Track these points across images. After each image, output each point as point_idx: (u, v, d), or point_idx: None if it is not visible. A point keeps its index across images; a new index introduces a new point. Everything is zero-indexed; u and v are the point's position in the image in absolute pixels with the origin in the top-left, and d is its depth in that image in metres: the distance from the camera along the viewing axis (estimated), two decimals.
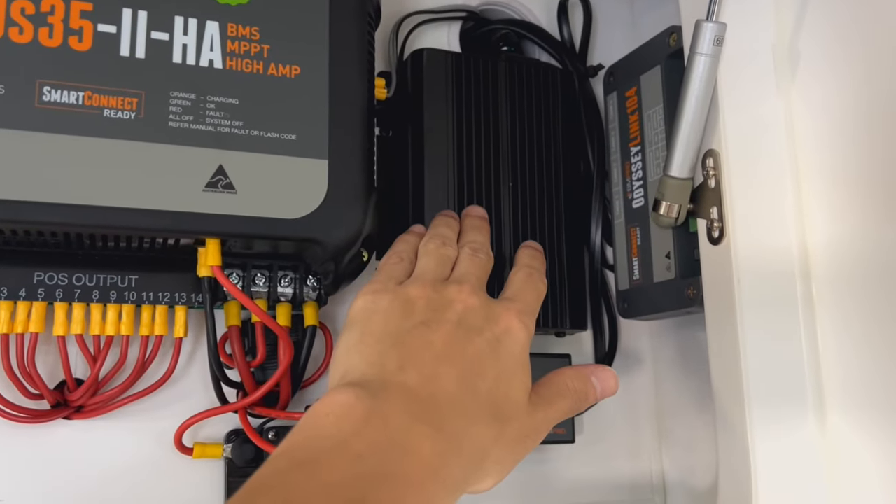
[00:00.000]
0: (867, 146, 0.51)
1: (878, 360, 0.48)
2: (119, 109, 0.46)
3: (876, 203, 0.50)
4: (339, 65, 0.51)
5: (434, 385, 0.39)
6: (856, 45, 0.52)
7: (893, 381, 0.48)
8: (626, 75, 0.63)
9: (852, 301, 0.50)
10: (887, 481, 0.47)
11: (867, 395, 0.49)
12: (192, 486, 0.54)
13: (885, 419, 0.48)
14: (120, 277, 0.51)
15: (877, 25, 0.51)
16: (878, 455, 0.48)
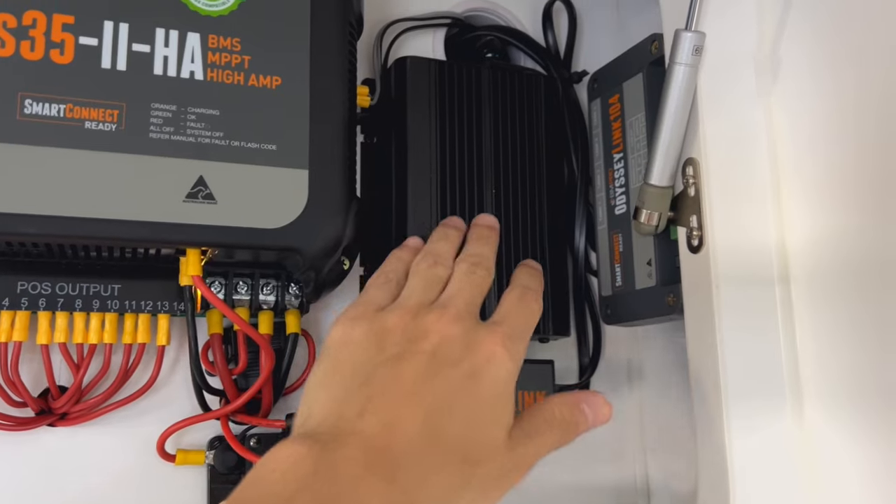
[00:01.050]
0: (846, 154, 0.51)
1: (852, 357, 0.49)
2: (100, 121, 0.46)
3: (853, 209, 0.50)
4: (321, 75, 0.52)
5: (393, 432, 0.37)
6: (835, 54, 0.52)
7: (867, 377, 0.48)
8: (610, 82, 0.63)
9: (829, 302, 0.51)
10: (860, 470, 0.48)
11: (842, 391, 0.49)
12: (175, 493, 0.54)
13: (859, 413, 0.48)
14: (103, 286, 0.51)
15: (855, 35, 0.51)
16: (851, 446, 0.48)
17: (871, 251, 0.49)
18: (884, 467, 0.47)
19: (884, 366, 0.47)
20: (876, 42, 0.50)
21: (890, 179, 0.47)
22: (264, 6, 0.51)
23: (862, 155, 0.50)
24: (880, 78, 0.49)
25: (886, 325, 0.47)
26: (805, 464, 0.50)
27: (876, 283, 0.48)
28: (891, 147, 0.48)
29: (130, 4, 0.48)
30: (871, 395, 0.48)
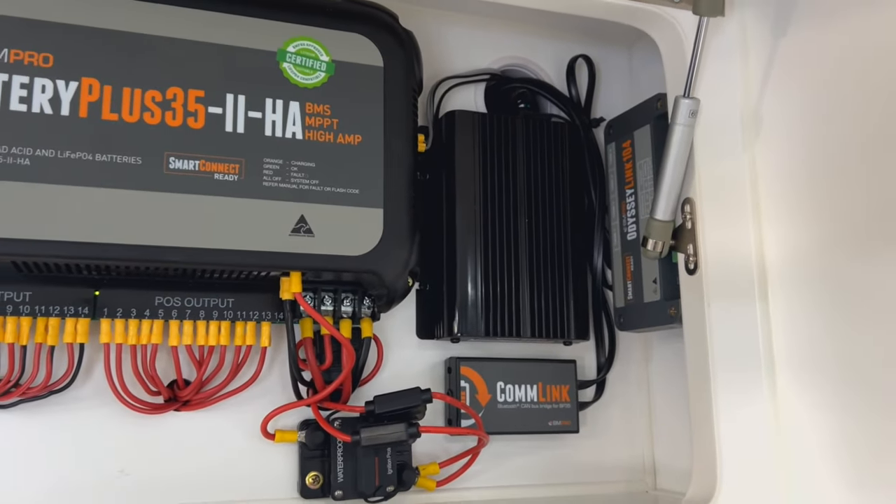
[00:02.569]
0: (822, 192, 0.64)
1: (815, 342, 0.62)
2: (226, 173, 0.60)
3: (817, 234, 0.63)
4: (392, 132, 0.65)
5: None
6: (808, 112, 0.65)
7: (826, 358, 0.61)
8: (623, 129, 0.76)
9: (797, 310, 0.63)
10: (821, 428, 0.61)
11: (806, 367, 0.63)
12: (273, 465, 0.68)
13: (818, 388, 0.62)
14: (220, 300, 0.65)
15: (823, 98, 0.64)
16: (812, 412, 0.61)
17: (829, 267, 0.62)
18: (839, 427, 0.60)
19: (836, 352, 0.60)
20: (838, 104, 0.62)
21: (845, 209, 0.60)
22: (348, 80, 0.64)
23: (827, 197, 0.63)
24: (840, 133, 0.62)
25: (838, 319, 0.60)
26: (777, 429, 0.63)
27: (831, 291, 0.61)
28: (849, 186, 0.60)
29: (246, 80, 0.62)
30: (828, 373, 0.61)
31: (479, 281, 0.71)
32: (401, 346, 0.73)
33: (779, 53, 0.67)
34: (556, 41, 0.83)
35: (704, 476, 0.64)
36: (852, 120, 0.62)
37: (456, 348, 0.74)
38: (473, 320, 0.71)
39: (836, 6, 0.63)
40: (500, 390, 0.72)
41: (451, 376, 0.72)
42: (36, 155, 0.56)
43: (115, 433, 0.65)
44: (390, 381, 0.71)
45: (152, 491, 0.65)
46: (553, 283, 0.74)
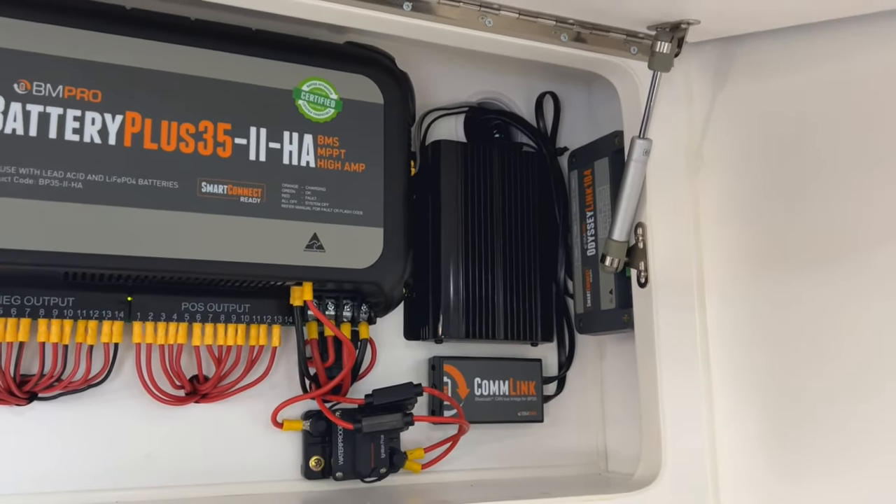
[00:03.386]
0: (751, 219, 0.76)
1: (742, 348, 0.74)
2: (250, 196, 0.69)
3: (746, 255, 0.76)
4: (390, 161, 0.75)
5: None
6: (740, 151, 0.78)
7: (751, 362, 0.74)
8: (585, 159, 0.88)
9: (729, 318, 0.76)
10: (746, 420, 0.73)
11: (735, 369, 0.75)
12: (280, 450, 0.77)
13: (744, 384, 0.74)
14: (238, 305, 0.74)
15: (754, 140, 0.76)
16: (740, 404, 0.74)
17: (755, 284, 0.75)
18: (761, 419, 0.72)
19: (759, 357, 0.73)
20: (764, 146, 0.75)
21: (769, 234, 0.73)
22: (354, 115, 0.74)
23: (757, 223, 0.76)
24: (766, 170, 0.75)
25: (762, 329, 0.73)
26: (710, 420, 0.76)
27: (756, 305, 0.74)
28: (773, 215, 0.73)
29: (267, 115, 0.71)
30: (753, 375, 0.73)
31: (460, 289, 0.82)
32: (390, 346, 0.84)
33: (717, 102, 0.80)
34: (525, 78, 0.94)
35: (651, 458, 0.76)
36: (776, 159, 0.74)
37: (439, 348, 0.85)
38: (455, 324, 0.81)
39: (762, 68, 0.76)
40: (477, 385, 0.83)
41: (434, 373, 0.83)
42: (87, 179, 0.64)
43: (142, 422, 0.73)
44: (381, 378, 0.81)
45: (174, 473, 0.73)
46: (523, 292, 0.85)
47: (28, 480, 0.69)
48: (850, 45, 0.69)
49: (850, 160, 0.69)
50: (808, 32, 0.71)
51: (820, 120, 0.72)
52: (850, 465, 0.67)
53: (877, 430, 0.65)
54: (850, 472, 0.67)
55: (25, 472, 0.69)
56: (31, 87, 0.64)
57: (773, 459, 0.73)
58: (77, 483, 0.70)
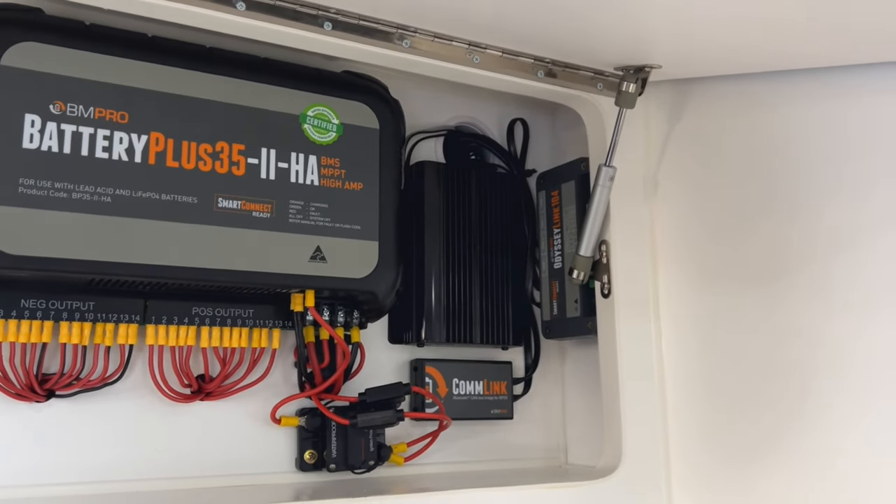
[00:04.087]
0: (699, 239, 0.87)
1: (691, 355, 0.85)
2: (261, 212, 0.76)
3: (695, 273, 0.86)
4: (384, 181, 0.83)
5: None
6: (691, 177, 0.88)
7: (699, 368, 0.84)
8: (552, 181, 0.97)
9: (680, 329, 0.86)
10: (695, 419, 0.84)
11: (685, 373, 0.85)
12: (278, 444, 0.84)
13: (693, 387, 0.84)
14: (243, 310, 0.80)
15: (704, 169, 0.87)
16: (689, 405, 0.84)
17: (702, 299, 0.85)
18: (706, 419, 0.83)
19: (705, 365, 0.83)
20: (714, 174, 0.86)
21: (716, 254, 0.84)
22: (353, 139, 0.81)
23: (707, 242, 0.86)
24: (714, 196, 0.85)
25: (707, 340, 0.84)
26: (664, 417, 0.86)
27: (703, 317, 0.84)
28: (718, 237, 0.84)
29: (277, 137, 0.78)
30: (699, 380, 0.84)
31: (441, 298, 0.90)
32: (375, 349, 0.91)
33: (672, 136, 0.90)
34: (498, 105, 1.03)
35: (612, 450, 0.86)
36: (723, 187, 0.85)
37: (420, 351, 0.93)
38: (437, 329, 0.89)
39: (712, 108, 0.87)
40: (455, 385, 0.91)
41: (416, 374, 0.91)
42: (116, 193, 0.70)
43: (152, 419, 0.79)
44: (368, 378, 0.89)
45: (181, 466, 0.79)
46: (497, 300, 0.93)
47: (45, 472, 0.74)
48: (788, 95, 0.80)
49: (783, 194, 0.80)
50: (753, 80, 0.83)
51: (758, 157, 0.83)
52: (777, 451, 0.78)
53: (801, 423, 0.76)
54: (777, 456, 0.78)
55: (44, 464, 0.74)
56: (65, 108, 0.69)
57: (715, 450, 0.84)
58: (91, 475, 0.76)
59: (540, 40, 0.81)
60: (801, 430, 0.76)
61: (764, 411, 0.80)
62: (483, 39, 0.81)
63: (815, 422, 0.75)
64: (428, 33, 0.79)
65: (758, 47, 0.76)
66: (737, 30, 0.72)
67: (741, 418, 0.82)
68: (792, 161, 0.80)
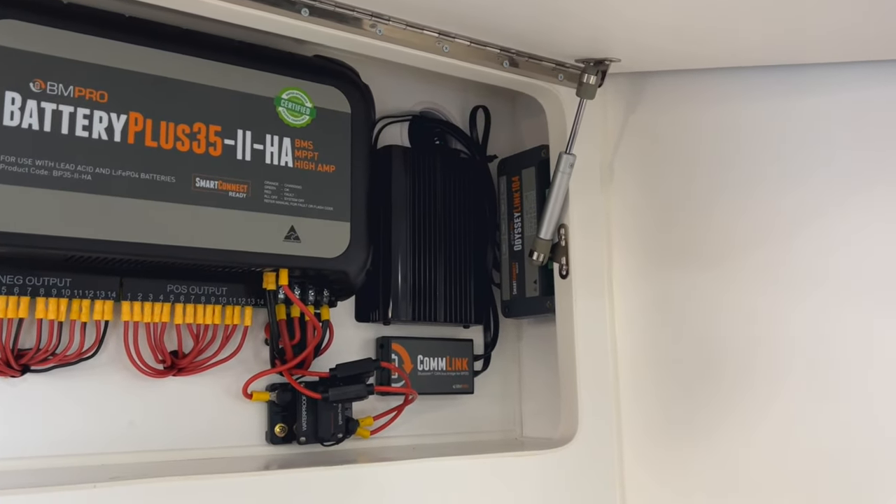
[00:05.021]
0: (650, 225, 0.92)
1: (641, 333, 0.91)
2: (237, 192, 0.78)
3: (646, 255, 0.92)
4: (356, 163, 0.85)
5: None
6: (644, 166, 0.94)
7: (648, 346, 0.90)
8: (513, 167, 1.01)
9: (631, 308, 0.92)
10: (644, 394, 0.90)
11: (635, 350, 0.91)
12: (248, 418, 0.86)
13: (642, 365, 0.90)
14: (217, 288, 0.82)
15: (655, 158, 0.93)
16: (638, 381, 0.90)
17: (651, 280, 0.91)
18: (654, 394, 0.89)
19: (653, 343, 0.89)
20: (664, 163, 0.91)
21: (665, 238, 0.89)
22: (326, 122, 0.84)
23: (658, 228, 0.92)
24: (664, 184, 0.91)
25: (655, 319, 0.89)
26: (616, 392, 0.92)
27: (652, 298, 0.90)
28: (669, 221, 0.90)
29: (252, 119, 0.79)
30: (647, 357, 0.90)
31: (407, 278, 0.93)
32: (343, 327, 0.94)
33: (628, 125, 0.95)
34: (460, 92, 1.07)
35: (568, 422, 0.91)
36: (673, 175, 0.91)
37: (386, 329, 0.96)
38: (403, 308, 0.93)
39: (664, 99, 0.92)
40: (420, 361, 0.95)
41: (383, 351, 0.94)
42: (96, 172, 0.71)
43: (126, 393, 0.80)
44: (336, 355, 0.92)
45: (154, 439, 0.81)
46: (460, 281, 0.97)
47: (20, 445, 0.75)
48: (734, 90, 0.86)
49: (726, 182, 0.86)
50: (705, 76, 0.88)
51: (704, 147, 0.88)
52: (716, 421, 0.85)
53: (740, 396, 0.83)
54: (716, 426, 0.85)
55: (19, 438, 0.75)
56: (45, 87, 0.70)
57: (663, 421, 0.90)
58: (65, 448, 0.77)
59: (506, 31, 0.85)
60: (740, 398, 0.83)
61: (705, 382, 0.86)
62: (453, 29, 0.84)
63: (749, 393, 0.82)
64: (400, 21, 0.82)
65: (706, 43, 0.81)
66: (687, 26, 0.78)
67: (685, 392, 0.88)
68: (733, 155, 0.86)
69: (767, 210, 0.83)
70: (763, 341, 0.82)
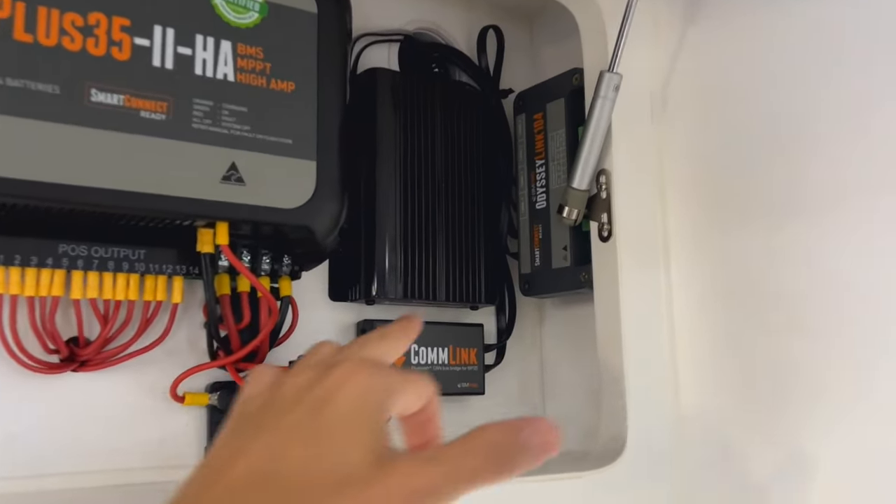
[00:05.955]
0: (711, 165, 0.70)
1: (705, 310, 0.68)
2: (153, 111, 0.55)
3: (708, 209, 0.69)
4: (325, 82, 0.62)
5: (221, 481, 0.33)
6: (707, 97, 0.71)
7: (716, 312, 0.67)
8: (535, 101, 0.78)
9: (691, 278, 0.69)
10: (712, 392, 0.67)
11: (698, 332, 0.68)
12: (180, 429, 0.64)
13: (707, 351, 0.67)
14: (131, 251, 0.59)
15: (722, 85, 0.69)
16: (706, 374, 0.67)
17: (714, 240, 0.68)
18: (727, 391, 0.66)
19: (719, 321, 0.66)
20: (733, 92, 0.68)
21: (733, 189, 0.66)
22: (281, 23, 0.61)
23: (720, 169, 0.69)
24: (732, 120, 0.68)
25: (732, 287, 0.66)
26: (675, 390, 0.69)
27: (717, 263, 0.67)
28: (735, 165, 0.66)
29: (176, 12, 0.57)
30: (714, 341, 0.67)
31: (397, 244, 0.71)
32: (311, 307, 0.71)
33: (686, 40, 0.72)
34: (465, 10, 0.84)
35: (611, 433, 0.68)
36: (744, 108, 0.68)
37: (370, 311, 0.73)
38: (392, 283, 0.70)
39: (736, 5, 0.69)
40: (413, 352, 0.72)
41: None
42: None
43: (3, 394, 0.58)
44: (303, 343, 0.68)
45: (44, 457, 0.59)
46: (466, 249, 0.75)
47: None
48: None
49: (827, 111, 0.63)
50: None
51: (792, 64, 0.65)
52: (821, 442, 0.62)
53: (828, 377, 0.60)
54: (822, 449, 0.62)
55: None
56: None
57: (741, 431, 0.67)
58: None
59: None
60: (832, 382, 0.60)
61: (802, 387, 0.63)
62: None
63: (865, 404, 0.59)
64: None
65: None
66: None
67: (770, 395, 0.65)
68: (840, 66, 0.62)
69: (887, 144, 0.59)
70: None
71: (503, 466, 0.36)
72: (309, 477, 0.33)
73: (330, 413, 0.35)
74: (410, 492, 0.33)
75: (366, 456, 0.34)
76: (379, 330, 0.45)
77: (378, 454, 0.34)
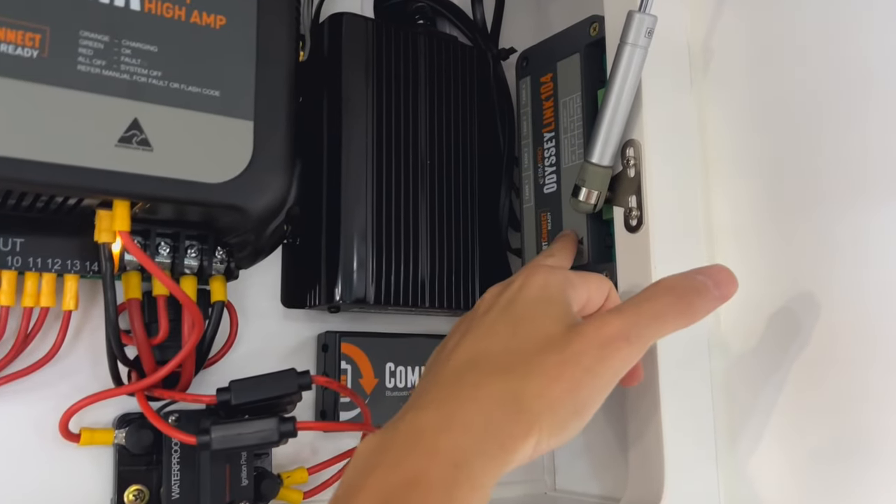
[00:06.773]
0: (766, 136, 0.54)
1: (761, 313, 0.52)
2: (18, 45, 0.40)
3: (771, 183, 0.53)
4: (268, 20, 0.47)
5: (442, 370, 0.40)
6: (758, 52, 0.55)
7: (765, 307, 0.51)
8: (542, 61, 0.63)
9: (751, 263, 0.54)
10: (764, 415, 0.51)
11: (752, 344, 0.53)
12: (76, 475, 0.48)
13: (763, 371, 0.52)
14: (3, 240, 0.44)
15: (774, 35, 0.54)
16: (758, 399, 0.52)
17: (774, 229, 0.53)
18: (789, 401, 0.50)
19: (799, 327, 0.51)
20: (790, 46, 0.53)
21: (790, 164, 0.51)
22: None
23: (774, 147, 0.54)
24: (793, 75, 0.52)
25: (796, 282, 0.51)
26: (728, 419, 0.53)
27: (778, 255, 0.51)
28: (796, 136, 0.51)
29: None
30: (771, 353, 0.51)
31: (368, 236, 0.55)
32: (259, 315, 0.56)
33: None
34: None
35: (643, 478, 0.53)
36: (809, 66, 0.52)
37: (334, 320, 0.58)
38: (361, 285, 0.55)
39: None
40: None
41: (327, 356, 0.56)
42: None
43: None
44: (245, 363, 0.54)
45: None
46: (456, 243, 0.59)
47: None
48: None
49: None
50: None
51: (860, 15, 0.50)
52: None
53: None
54: None
55: None
56: None
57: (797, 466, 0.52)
58: None
59: None
60: None
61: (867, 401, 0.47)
62: None
63: None
64: None
65: None
66: None
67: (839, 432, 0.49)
68: None
69: None
70: None
71: (683, 309, 0.41)
72: (514, 350, 0.39)
73: (520, 304, 0.42)
74: (602, 341, 0.39)
75: (558, 325, 0.40)
76: (543, 251, 0.55)
77: (568, 322, 0.40)
